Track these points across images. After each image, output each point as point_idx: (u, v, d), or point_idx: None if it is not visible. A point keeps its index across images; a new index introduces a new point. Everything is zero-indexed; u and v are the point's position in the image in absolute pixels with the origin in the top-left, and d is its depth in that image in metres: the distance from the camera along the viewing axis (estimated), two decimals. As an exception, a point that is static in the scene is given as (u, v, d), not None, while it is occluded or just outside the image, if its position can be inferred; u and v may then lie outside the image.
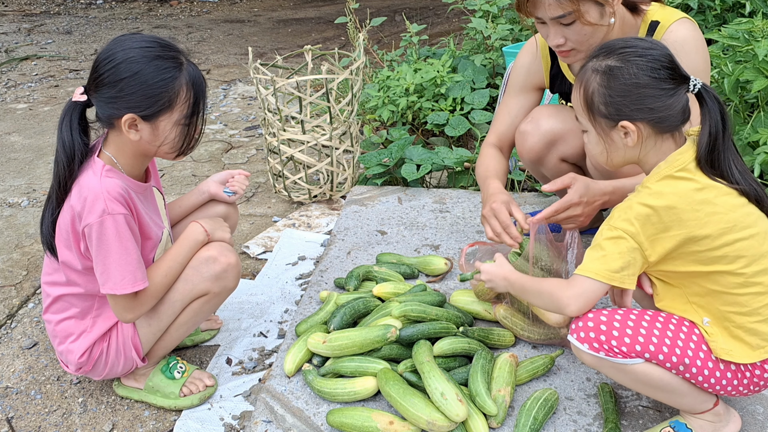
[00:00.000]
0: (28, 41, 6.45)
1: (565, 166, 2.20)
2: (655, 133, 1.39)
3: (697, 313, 1.41)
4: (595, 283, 1.37)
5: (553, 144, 2.13)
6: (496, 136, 2.20)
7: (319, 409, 1.67)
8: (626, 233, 1.35)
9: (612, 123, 1.40)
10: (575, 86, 1.46)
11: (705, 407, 1.46)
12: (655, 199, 1.35)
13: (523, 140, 2.16)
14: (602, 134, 1.43)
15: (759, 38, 2.42)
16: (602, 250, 1.37)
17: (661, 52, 1.37)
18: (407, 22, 4.10)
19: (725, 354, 1.37)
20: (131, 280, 1.57)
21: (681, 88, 1.37)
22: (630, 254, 1.35)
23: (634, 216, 1.35)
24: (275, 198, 3.09)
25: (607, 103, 1.39)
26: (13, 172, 3.47)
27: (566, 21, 1.75)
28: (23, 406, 1.85)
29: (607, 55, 1.41)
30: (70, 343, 1.70)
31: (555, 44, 1.82)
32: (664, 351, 1.36)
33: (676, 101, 1.36)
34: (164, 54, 1.55)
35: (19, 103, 4.62)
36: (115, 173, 1.60)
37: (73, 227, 1.58)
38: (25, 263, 2.59)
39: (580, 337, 1.39)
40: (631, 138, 1.39)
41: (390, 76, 3.55)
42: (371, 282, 2.11)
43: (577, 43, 1.80)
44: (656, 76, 1.35)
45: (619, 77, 1.37)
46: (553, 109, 2.17)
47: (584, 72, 1.44)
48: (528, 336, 1.82)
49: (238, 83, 4.99)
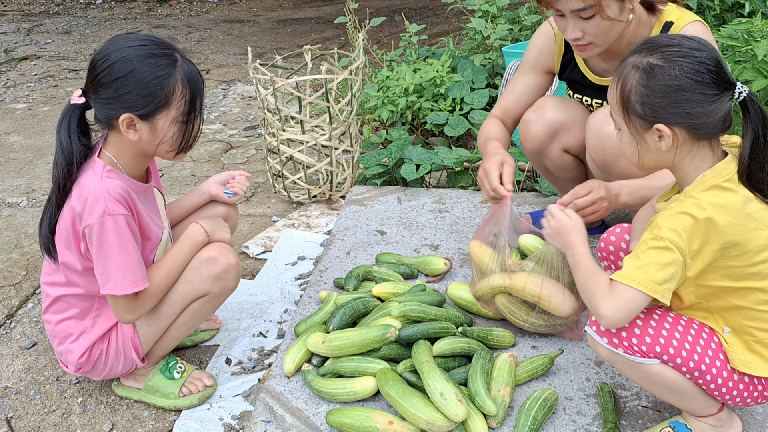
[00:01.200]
0: (27, 41, 6.44)
1: (567, 158, 2.20)
2: (691, 139, 1.32)
3: (718, 323, 1.40)
4: (637, 293, 1.29)
5: (556, 134, 2.14)
6: (501, 110, 2.21)
7: (318, 409, 1.67)
8: (673, 244, 1.28)
9: (647, 124, 1.32)
10: (612, 80, 1.38)
11: (709, 411, 1.46)
12: (702, 210, 1.28)
13: (527, 128, 2.17)
14: (635, 135, 1.35)
15: (758, 38, 2.42)
16: (646, 259, 1.30)
17: (707, 54, 1.28)
18: (406, 22, 4.10)
19: (743, 366, 1.36)
20: (131, 281, 1.57)
21: (725, 94, 1.28)
22: (674, 267, 1.28)
23: (682, 227, 1.28)
24: (275, 198, 3.09)
25: (644, 102, 1.31)
26: (12, 172, 3.46)
27: (586, 15, 1.75)
28: (22, 406, 1.85)
29: (650, 51, 1.32)
30: (69, 344, 1.70)
31: (572, 38, 1.82)
32: (682, 355, 1.35)
33: (718, 108, 1.28)
34: (158, 52, 1.54)
35: (19, 103, 4.61)
36: (116, 174, 1.60)
37: (74, 228, 1.58)
38: (24, 263, 2.58)
39: (600, 331, 1.38)
40: (665, 142, 1.32)
41: (389, 76, 3.55)
42: (371, 282, 2.11)
43: (595, 36, 1.80)
44: (699, 80, 1.27)
45: (659, 77, 1.29)
46: (558, 100, 2.17)
47: (623, 67, 1.36)
48: (531, 324, 1.81)
49: (238, 83, 4.99)
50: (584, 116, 2.13)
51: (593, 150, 2.01)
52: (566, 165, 2.22)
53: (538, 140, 2.16)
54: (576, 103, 2.19)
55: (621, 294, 1.30)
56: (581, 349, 1.84)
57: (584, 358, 1.80)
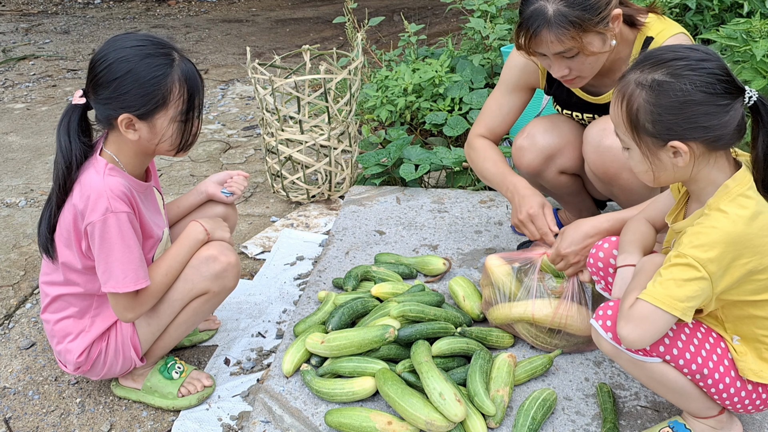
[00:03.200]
0: (25, 41, 6.44)
1: (564, 178, 2.18)
2: (708, 151, 1.27)
3: (727, 331, 1.39)
4: (656, 310, 1.24)
5: (551, 159, 2.12)
6: (486, 129, 2.17)
7: (317, 409, 1.67)
8: (697, 261, 1.23)
9: (661, 142, 1.26)
10: (614, 98, 1.32)
11: (710, 413, 1.46)
12: (732, 223, 1.23)
13: (520, 156, 2.15)
14: (648, 154, 1.29)
15: (757, 38, 2.42)
16: (668, 275, 1.25)
17: (716, 64, 1.23)
18: (405, 21, 4.10)
19: (753, 375, 1.35)
20: (133, 279, 1.57)
21: (737, 101, 1.23)
22: (697, 284, 1.23)
23: (708, 243, 1.23)
24: (273, 198, 3.08)
25: (655, 121, 1.25)
26: (10, 172, 3.46)
27: (569, 55, 1.73)
28: (21, 407, 1.85)
29: (654, 67, 1.26)
30: (68, 343, 1.70)
31: (559, 75, 1.80)
32: (686, 357, 1.34)
33: (733, 117, 1.23)
34: (156, 51, 1.54)
35: (17, 103, 4.61)
36: (118, 172, 1.60)
37: (75, 226, 1.58)
38: (22, 263, 2.58)
39: (606, 326, 1.37)
40: (681, 159, 1.26)
41: (388, 76, 3.55)
42: (369, 282, 2.11)
43: (581, 71, 1.79)
44: (712, 92, 1.21)
45: (669, 93, 1.23)
46: (548, 122, 2.14)
47: (625, 84, 1.29)
48: (554, 345, 1.79)
49: (236, 83, 4.99)
50: (577, 135, 2.11)
51: (593, 165, 1.97)
52: (563, 185, 2.20)
53: (533, 167, 2.14)
54: (566, 120, 2.15)
55: (639, 309, 1.27)
56: (580, 349, 1.84)
57: (583, 359, 1.80)
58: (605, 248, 1.62)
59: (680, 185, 1.44)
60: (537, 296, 1.77)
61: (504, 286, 1.82)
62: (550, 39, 1.69)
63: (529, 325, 1.78)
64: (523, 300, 1.78)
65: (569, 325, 1.73)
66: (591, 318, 1.41)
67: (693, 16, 3.04)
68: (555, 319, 1.73)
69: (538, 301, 1.76)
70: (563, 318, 1.73)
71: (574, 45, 1.69)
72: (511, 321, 1.80)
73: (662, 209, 1.53)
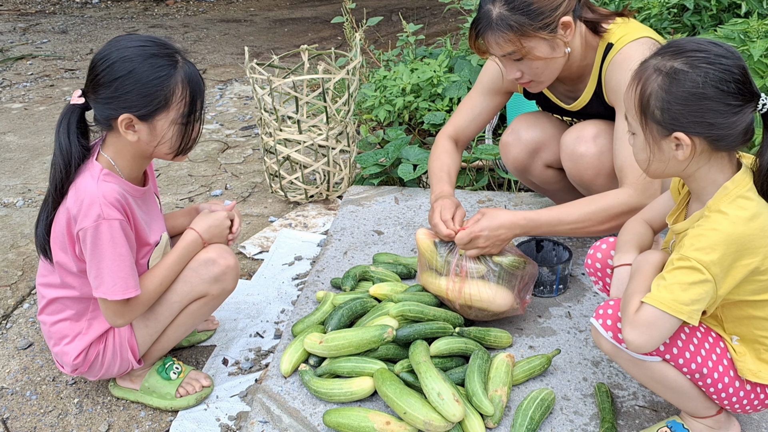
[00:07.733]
0: (23, 41, 6.42)
1: (551, 172, 2.23)
2: (709, 150, 1.27)
3: (726, 332, 1.40)
4: (662, 314, 1.24)
5: (536, 153, 2.18)
6: (455, 129, 2.18)
7: (315, 409, 1.67)
8: (701, 264, 1.23)
9: (665, 132, 1.26)
10: (631, 82, 1.31)
11: (708, 413, 1.46)
12: (732, 224, 1.23)
13: (506, 151, 2.21)
14: (651, 141, 1.29)
15: (754, 39, 2.42)
16: (672, 278, 1.25)
17: (733, 62, 1.22)
18: (404, 21, 4.10)
19: (752, 375, 1.35)
20: (122, 287, 1.56)
21: (748, 105, 1.23)
22: (702, 287, 1.23)
23: (710, 245, 1.23)
24: (271, 198, 3.08)
25: (664, 109, 1.25)
26: (8, 172, 3.45)
27: (515, 57, 1.76)
28: (18, 407, 1.85)
29: (674, 55, 1.25)
30: (65, 345, 1.69)
31: (511, 78, 1.83)
32: (685, 356, 1.34)
33: (740, 120, 1.22)
34: (159, 52, 1.53)
35: (15, 103, 4.60)
36: (113, 177, 1.59)
37: (69, 230, 1.57)
38: (20, 263, 2.58)
39: (606, 324, 1.37)
40: (682, 151, 1.26)
41: (386, 76, 3.55)
42: (368, 282, 2.11)
43: (533, 75, 1.81)
44: (724, 89, 1.21)
45: (682, 83, 1.23)
46: (532, 118, 2.19)
47: (644, 68, 1.28)
48: (475, 316, 1.86)
49: (235, 83, 4.98)
50: (560, 130, 2.15)
51: (570, 171, 2.03)
52: (551, 179, 2.25)
53: (519, 161, 2.20)
54: (549, 117, 2.20)
55: (645, 317, 1.26)
56: (578, 349, 1.84)
57: (581, 358, 1.81)
58: (603, 249, 1.62)
59: (681, 186, 1.45)
60: (454, 273, 1.84)
61: (429, 259, 1.89)
62: (494, 41, 1.74)
63: (447, 300, 1.87)
64: (442, 276, 1.86)
65: (476, 301, 1.81)
66: (591, 318, 1.42)
67: (691, 17, 3.04)
68: (462, 296, 1.81)
69: (450, 279, 1.84)
70: (468, 296, 1.81)
71: (515, 49, 1.73)
72: (434, 293, 1.89)
73: (660, 210, 1.54)
